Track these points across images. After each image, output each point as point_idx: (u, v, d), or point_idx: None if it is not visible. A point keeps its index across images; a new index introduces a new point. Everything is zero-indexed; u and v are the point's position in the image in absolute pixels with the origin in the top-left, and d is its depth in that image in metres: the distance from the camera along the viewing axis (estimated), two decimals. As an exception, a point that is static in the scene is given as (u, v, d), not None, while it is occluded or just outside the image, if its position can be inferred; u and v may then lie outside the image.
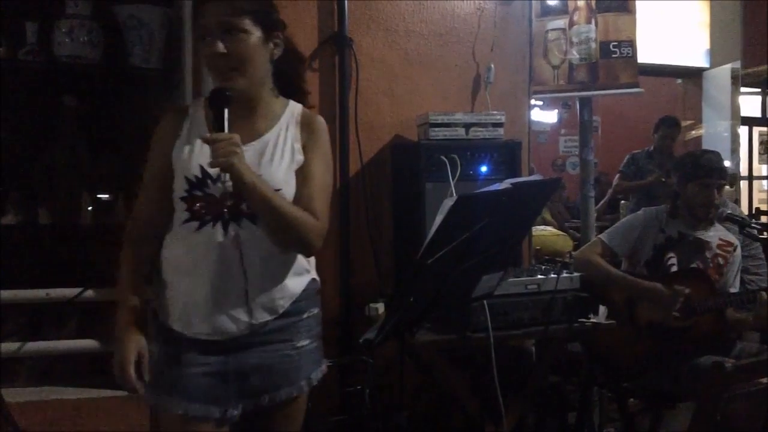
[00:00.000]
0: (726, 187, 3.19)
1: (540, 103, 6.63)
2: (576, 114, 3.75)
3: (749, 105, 6.56)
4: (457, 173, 2.89)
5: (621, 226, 3.10)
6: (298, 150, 1.69)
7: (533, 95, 3.58)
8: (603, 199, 5.85)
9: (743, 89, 5.64)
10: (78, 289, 2.63)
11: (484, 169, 3.00)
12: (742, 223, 3.02)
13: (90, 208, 2.87)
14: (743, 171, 6.59)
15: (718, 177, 2.93)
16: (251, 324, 1.65)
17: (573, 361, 3.06)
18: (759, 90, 6.69)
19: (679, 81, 5.92)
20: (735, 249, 3.00)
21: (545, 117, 7.63)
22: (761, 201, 7.31)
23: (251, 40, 1.62)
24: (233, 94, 1.60)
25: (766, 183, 7.81)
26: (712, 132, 5.68)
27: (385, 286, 3.12)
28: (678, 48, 5.36)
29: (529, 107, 3.59)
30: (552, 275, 2.63)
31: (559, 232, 4.95)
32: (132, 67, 2.76)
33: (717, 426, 2.06)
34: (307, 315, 1.75)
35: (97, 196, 2.92)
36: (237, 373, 1.67)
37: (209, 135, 1.56)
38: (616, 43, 3.42)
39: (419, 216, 2.89)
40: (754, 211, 6.15)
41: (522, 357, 3.05)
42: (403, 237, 3.17)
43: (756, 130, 7.24)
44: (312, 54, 3.10)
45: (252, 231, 1.62)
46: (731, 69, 5.42)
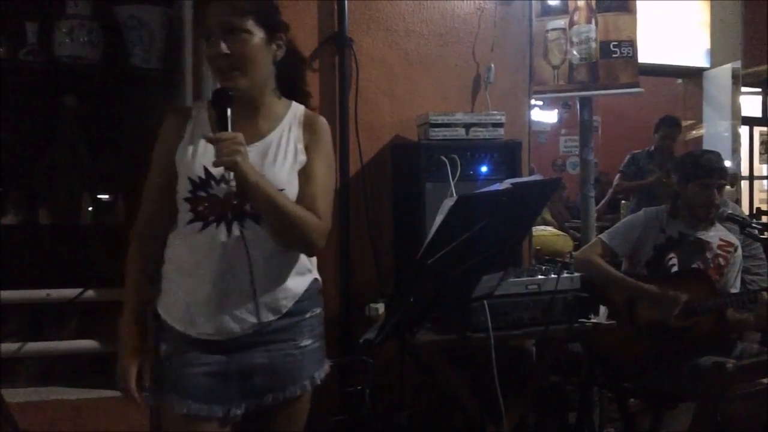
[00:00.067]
0: (727, 187, 3.19)
1: (540, 103, 6.64)
2: (576, 114, 3.75)
3: (750, 105, 6.56)
4: (457, 173, 2.89)
5: (621, 226, 3.10)
6: (300, 150, 1.69)
7: (533, 95, 3.59)
8: (603, 199, 5.85)
9: (744, 89, 5.63)
10: (78, 290, 2.63)
11: (484, 169, 3.00)
12: (742, 223, 3.01)
13: (90, 208, 2.86)
14: (744, 171, 6.58)
15: (718, 177, 2.92)
16: (255, 324, 1.65)
17: (573, 361, 3.06)
18: (759, 90, 6.68)
19: (680, 81, 5.92)
20: (736, 249, 3.00)
21: (545, 117, 7.64)
22: (762, 201, 7.31)
23: (254, 40, 1.62)
24: (235, 94, 1.60)
25: (766, 183, 7.80)
26: (712, 132, 5.68)
27: (385, 286, 3.12)
28: (678, 48, 5.35)
29: (530, 107, 3.59)
30: (552, 275, 2.63)
31: (560, 232, 4.94)
32: (132, 68, 2.76)
33: (717, 426, 2.06)
34: (310, 315, 1.75)
35: (97, 196, 2.92)
36: (240, 373, 1.67)
37: (213, 134, 1.57)
38: (616, 43, 3.42)
39: (419, 216, 2.89)
40: (754, 211, 6.16)
41: (522, 357, 3.05)
42: (403, 237, 3.17)
43: (756, 129, 7.23)
44: (312, 54, 3.10)
45: (255, 231, 1.63)
46: (732, 69, 5.42)
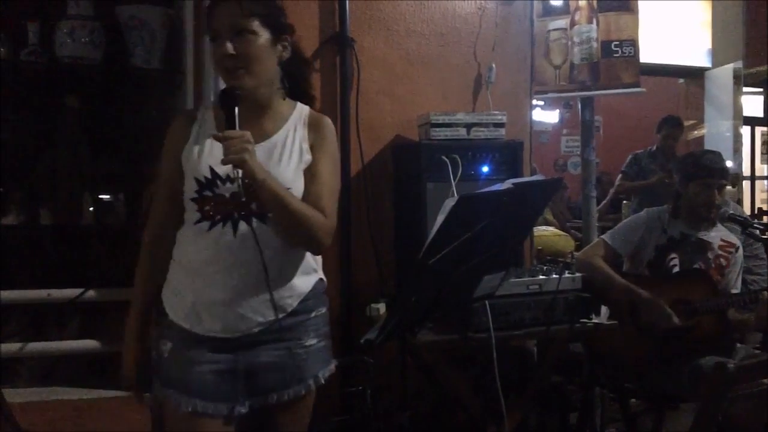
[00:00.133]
0: (728, 188, 3.18)
1: (541, 103, 6.64)
2: (577, 114, 3.75)
3: (751, 105, 6.55)
4: (459, 173, 2.88)
5: (623, 226, 3.10)
6: (306, 150, 1.71)
7: (535, 95, 3.58)
8: (605, 200, 5.84)
9: (745, 89, 5.63)
10: (79, 290, 2.63)
11: (485, 170, 2.99)
12: (744, 224, 3.01)
13: (91, 208, 2.86)
14: (745, 171, 6.58)
15: (719, 177, 2.92)
16: (262, 321, 1.66)
17: (575, 362, 3.05)
18: (761, 90, 6.67)
19: (681, 81, 5.93)
20: (737, 249, 2.99)
21: (547, 117, 7.65)
22: (763, 201, 7.29)
23: (259, 41, 1.64)
24: (242, 93, 1.62)
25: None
26: (714, 132, 5.68)
27: (387, 286, 3.12)
28: (680, 48, 5.36)
29: (531, 107, 3.58)
30: (554, 276, 2.63)
31: (561, 232, 4.92)
32: (133, 68, 2.76)
33: (719, 427, 2.06)
34: (315, 314, 1.76)
35: (99, 196, 2.92)
36: (246, 371, 1.68)
37: (221, 132, 1.58)
38: (617, 43, 3.41)
39: (420, 216, 2.88)
40: (756, 212, 6.15)
41: (524, 357, 3.05)
42: (405, 237, 3.16)
43: (758, 130, 7.21)
44: (313, 54, 3.10)
45: (262, 230, 1.64)
46: (733, 69, 5.42)
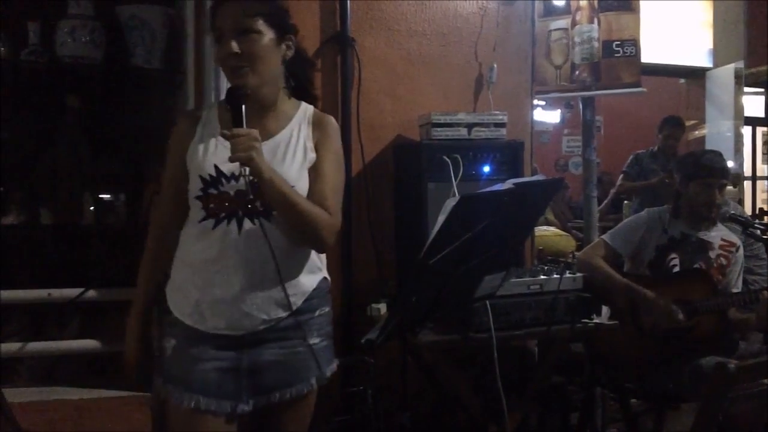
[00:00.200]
0: (729, 188, 3.18)
1: (542, 103, 6.64)
2: (579, 114, 3.75)
3: (753, 105, 6.54)
4: (460, 173, 2.88)
5: (624, 226, 3.10)
6: (310, 148, 1.72)
7: (536, 95, 3.58)
8: (606, 200, 5.84)
9: (746, 89, 5.63)
10: (80, 290, 2.62)
11: (486, 169, 3.00)
12: (745, 224, 3.01)
13: (92, 208, 2.87)
14: (746, 171, 6.56)
15: (719, 176, 2.92)
16: (266, 319, 1.67)
17: (575, 362, 3.05)
18: (762, 90, 6.66)
19: (682, 81, 5.92)
20: (737, 249, 2.99)
21: (548, 117, 7.64)
22: (764, 201, 7.28)
23: (263, 40, 1.65)
24: (246, 91, 1.63)
25: (768, 183, 7.78)
26: (715, 132, 5.67)
27: (387, 286, 3.11)
28: (681, 47, 5.35)
29: (532, 107, 3.58)
30: (555, 275, 2.63)
31: (562, 232, 4.93)
32: (134, 68, 2.76)
33: (720, 427, 2.05)
34: (319, 313, 1.77)
35: (99, 196, 2.92)
36: (249, 369, 1.69)
37: (229, 131, 1.58)
38: (618, 43, 3.41)
39: (421, 216, 2.89)
40: (757, 212, 6.14)
41: (524, 357, 3.05)
42: (405, 237, 3.16)
43: (759, 130, 7.19)
44: (314, 54, 3.10)
45: (267, 228, 1.64)
46: (734, 69, 5.41)
